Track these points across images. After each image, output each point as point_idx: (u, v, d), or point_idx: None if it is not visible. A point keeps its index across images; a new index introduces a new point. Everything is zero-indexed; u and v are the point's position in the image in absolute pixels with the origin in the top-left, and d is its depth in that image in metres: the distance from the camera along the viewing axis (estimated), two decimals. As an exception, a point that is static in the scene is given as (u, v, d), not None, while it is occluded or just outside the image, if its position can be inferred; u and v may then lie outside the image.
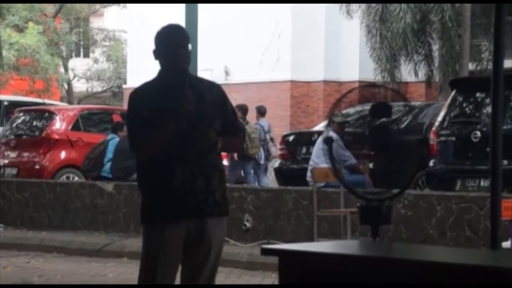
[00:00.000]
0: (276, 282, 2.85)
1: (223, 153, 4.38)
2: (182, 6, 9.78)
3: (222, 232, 3.92)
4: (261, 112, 14.29)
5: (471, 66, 17.06)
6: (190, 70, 4.08)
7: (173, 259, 3.84)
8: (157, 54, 3.89)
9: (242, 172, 13.35)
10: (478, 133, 9.13)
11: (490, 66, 16.62)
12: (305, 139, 11.77)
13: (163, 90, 3.84)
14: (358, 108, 10.82)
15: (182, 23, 8.66)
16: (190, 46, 3.92)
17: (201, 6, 10.15)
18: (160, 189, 3.84)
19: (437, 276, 2.46)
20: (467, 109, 9.75)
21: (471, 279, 2.41)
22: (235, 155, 12.98)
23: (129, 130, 3.97)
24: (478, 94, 9.62)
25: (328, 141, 4.26)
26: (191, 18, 9.26)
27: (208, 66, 19.14)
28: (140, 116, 3.83)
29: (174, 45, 3.84)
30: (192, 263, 3.87)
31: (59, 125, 12.82)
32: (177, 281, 3.95)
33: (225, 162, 14.94)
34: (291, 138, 12.07)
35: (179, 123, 3.80)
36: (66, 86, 28.93)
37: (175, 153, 3.81)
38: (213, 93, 3.94)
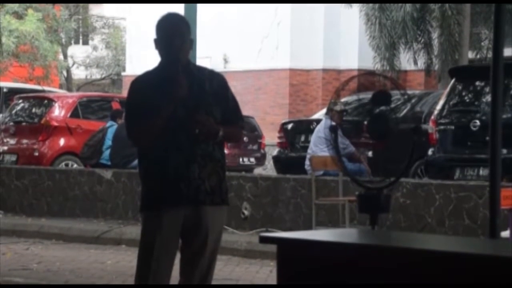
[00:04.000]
0: (275, 270, 2.86)
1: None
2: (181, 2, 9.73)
3: (220, 221, 3.92)
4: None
5: (470, 55, 17.03)
6: (189, 58, 4.07)
7: (169, 247, 3.85)
8: (156, 43, 3.90)
9: None
10: (478, 121, 9.12)
11: (490, 54, 16.59)
12: (304, 127, 11.77)
13: (160, 79, 3.86)
14: (356, 96, 10.82)
15: (182, 10, 8.63)
16: (189, 34, 3.91)
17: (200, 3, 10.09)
18: (156, 177, 3.86)
19: (436, 265, 2.46)
20: (466, 97, 9.74)
21: (469, 268, 2.41)
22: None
23: (126, 118, 3.99)
24: (477, 83, 9.61)
25: (333, 129, 4.26)
26: (190, 5, 9.24)
27: (207, 54, 19.11)
28: (137, 105, 3.86)
29: (171, 35, 3.84)
30: (189, 251, 3.88)
31: (58, 112, 12.81)
32: (176, 269, 3.96)
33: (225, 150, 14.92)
34: (289, 126, 12.06)
35: (175, 111, 3.81)
36: (65, 73, 28.88)
37: (170, 141, 3.82)
38: (214, 82, 3.93)
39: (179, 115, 3.81)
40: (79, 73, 29.61)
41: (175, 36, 3.83)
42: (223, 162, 3.95)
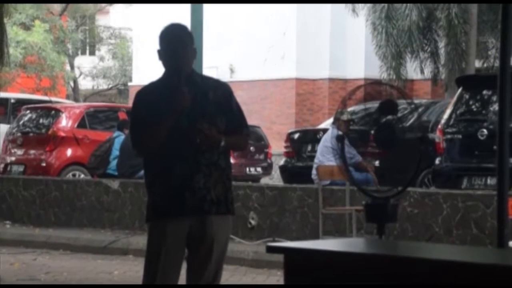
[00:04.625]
0: (282, 280, 2.85)
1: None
2: (188, 3, 9.77)
3: (225, 230, 3.92)
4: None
5: (477, 64, 17.02)
6: (195, 68, 4.08)
7: (175, 256, 3.85)
8: (160, 54, 3.92)
9: None
10: (485, 131, 9.10)
11: (497, 63, 16.60)
12: (310, 136, 11.76)
13: (163, 90, 3.87)
14: (363, 106, 10.80)
15: (188, 21, 8.66)
16: (193, 44, 3.93)
17: (207, 4, 10.15)
18: (161, 187, 3.87)
19: (443, 274, 2.45)
20: (473, 106, 9.72)
21: (477, 278, 2.40)
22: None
23: (131, 128, 4.01)
24: (484, 92, 9.59)
25: (340, 138, 4.26)
26: (197, 16, 9.26)
27: (214, 64, 19.16)
28: (141, 115, 3.89)
29: (174, 45, 3.86)
30: (195, 260, 3.89)
31: (65, 122, 12.84)
32: (182, 278, 3.96)
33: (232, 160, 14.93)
34: (296, 135, 12.06)
35: (178, 121, 3.81)
36: (72, 83, 28.97)
37: (174, 151, 3.83)
38: (218, 91, 3.94)
39: (182, 125, 3.83)
40: (86, 84, 29.70)
41: (178, 47, 3.85)
42: (229, 171, 3.96)
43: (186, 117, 3.83)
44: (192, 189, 3.82)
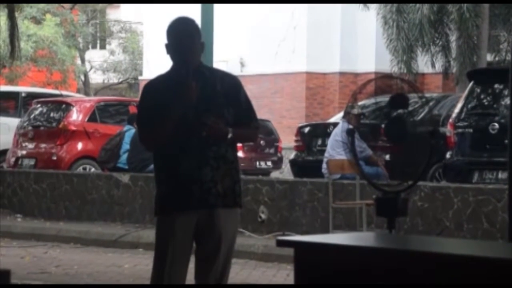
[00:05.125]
0: (291, 273, 2.85)
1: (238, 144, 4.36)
2: (198, 3, 9.75)
3: (233, 223, 3.91)
4: None
5: (489, 57, 16.93)
6: (205, 61, 4.08)
7: (182, 250, 3.86)
8: (168, 48, 3.91)
9: None
10: (496, 124, 9.06)
11: (509, 57, 16.51)
12: (321, 130, 11.74)
13: (171, 83, 3.87)
14: (374, 99, 10.77)
15: (199, 14, 8.64)
16: (200, 38, 3.92)
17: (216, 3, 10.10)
18: (168, 180, 3.87)
19: (454, 269, 2.44)
20: (485, 100, 9.67)
21: (488, 272, 2.39)
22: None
23: (138, 121, 4.02)
24: (496, 86, 9.54)
25: (350, 132, 4.24)
26: (207, 9, 9.25)
27: (224, 58, 19.14)
28: (148, 108, 3.89)
29: (181, 39, 3.86)
30: (203, 254, 3.89)
31: (76, 116, 12.87)
32: (191, 272, 3.96)
33: (240, 154, 14.96)
34: (306, 129, 12.04)
35: (185, 114, 3.81)
36: (82, 77, 29.04)
37: (182, 144, 3.83)
38: (225, 83, 3.94)
39: (189, 118, 3.82)
40: (96, 78, 29.76)
41: (185, 40, 3.85)
42: (237, 163, 3.95)
43: (193, 110, 3.83)
44: (200, 182, 3.82)
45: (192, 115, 3.83)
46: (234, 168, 3.91)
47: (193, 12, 6.42)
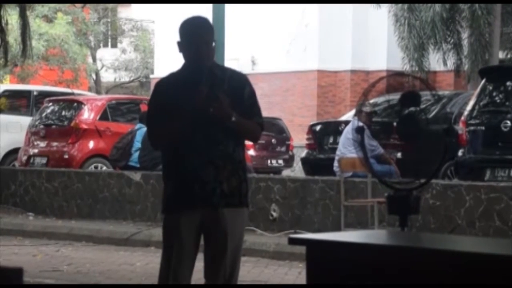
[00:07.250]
0: (303, 271, 2.84)
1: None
2: (210, 3, 9.75)
3: (239, 224, 3.89)
4: None
5: (501, 55, 16.85)
6: (217, 60, 4.07)
7: (188, 248, 3.85)
8: (180, 46, 3.90)
9: None
10: (508, 122, 9.02)
11: (521, 54, 16.43)
12: (332, 129, 11.73)
13: (182, 83, 3.87)
14: (385, 97, 10.76)
15: (210, 12, 8.64)
16: (213, 38, 3.91)
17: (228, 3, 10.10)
18: (173, 179, 3.88)
19: (466, 266, 2.43)
20: (497, 98, 9.63)
21: (500, 270, 2.38)
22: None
23: (147, 119, 4.02)
24: (508, 83, 9.51)
25: (360, 130, 4.23)
26: (219, 8, 9.25)
27: (235, 56, 19.14)
28: (159, 106, 3.88)
29: (194, 38, 3.84)
30: (210, 253, 3.89)
31: (87, 115, 12.91)
32: (200, 271, 3.96)
33: (251, 152, 14.96)
34: (318, 128, 12.03)
35: (191, 117, 3.80)
36: (94, 76, 29.11)
37: (188, 144, 3.83)
38: (232, 80, 3.92)
39: (196, 118, 3.81)
40: (108, 76, 29.84)
41: (198, 40, 3.83)
42: (244, 163, 3.94)
43: (197, 114, 3.81)
44: (201, 182, 3.81)
45: (199, 115, 3.82)
46: (241, 168, 3.90)
47: (205, 10, 6.43)
